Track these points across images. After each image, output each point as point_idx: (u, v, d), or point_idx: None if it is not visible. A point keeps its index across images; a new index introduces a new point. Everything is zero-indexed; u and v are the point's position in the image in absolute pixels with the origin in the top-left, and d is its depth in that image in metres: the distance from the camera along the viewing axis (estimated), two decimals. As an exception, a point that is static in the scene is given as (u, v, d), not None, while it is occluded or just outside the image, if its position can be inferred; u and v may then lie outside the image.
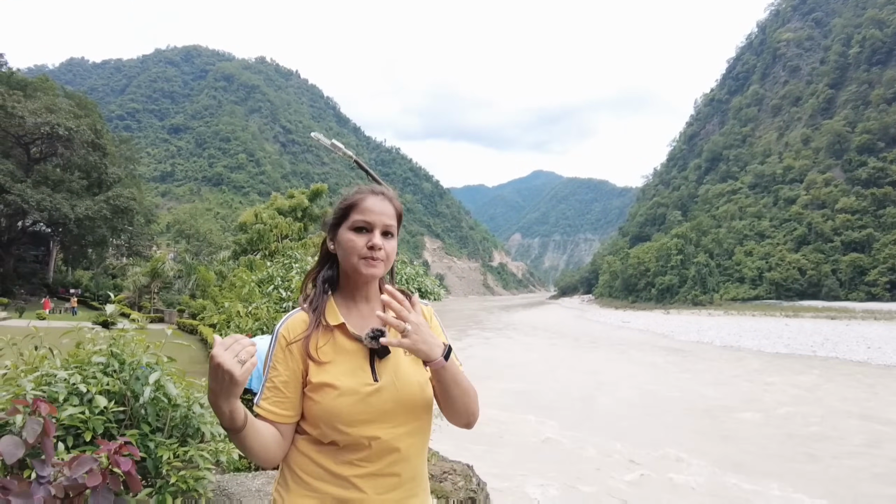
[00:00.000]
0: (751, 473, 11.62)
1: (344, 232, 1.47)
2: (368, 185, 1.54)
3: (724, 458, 12.64)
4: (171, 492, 2.67)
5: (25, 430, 1.25)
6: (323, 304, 1.49)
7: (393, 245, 1.49)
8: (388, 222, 1.47)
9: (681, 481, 10.96)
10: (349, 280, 1.51)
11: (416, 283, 13.98)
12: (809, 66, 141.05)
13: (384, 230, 1.46)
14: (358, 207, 1.46)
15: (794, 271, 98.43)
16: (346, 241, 1.46)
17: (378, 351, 1.43)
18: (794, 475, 11.62)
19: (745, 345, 39.81)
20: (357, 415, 1.37)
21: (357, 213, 1.46)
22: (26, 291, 37.22)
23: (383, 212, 1.46)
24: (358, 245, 1.44)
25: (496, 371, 24.37)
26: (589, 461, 12.10)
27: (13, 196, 34.08)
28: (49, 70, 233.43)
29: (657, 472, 11.45)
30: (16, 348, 2.96)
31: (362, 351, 1.44)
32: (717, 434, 14.92)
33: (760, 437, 14.58)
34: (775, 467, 12.14)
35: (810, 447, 13.82)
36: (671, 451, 12.85)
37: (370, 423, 1.37)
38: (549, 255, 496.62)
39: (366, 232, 1.45)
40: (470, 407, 1.48)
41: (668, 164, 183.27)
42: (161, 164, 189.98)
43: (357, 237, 1.45)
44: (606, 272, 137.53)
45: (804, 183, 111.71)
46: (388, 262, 1.46)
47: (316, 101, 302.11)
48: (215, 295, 20.36)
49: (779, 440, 14.36)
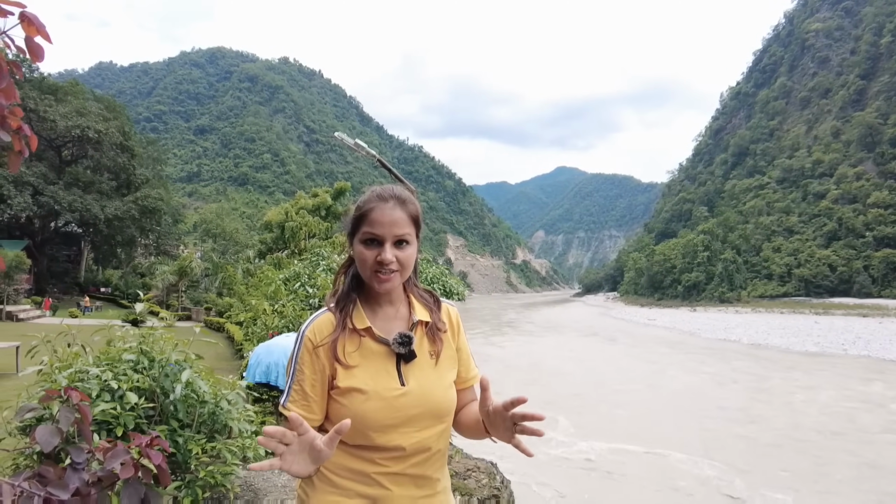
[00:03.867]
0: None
1: (356, 244, 1.44)
2: (380, 187, 1.48)
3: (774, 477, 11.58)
4: (200, 486, 2.73)
5: (60, 418, 1.29)
6: (350, 305, 1.48)
7: (409, 252, 1.43)
8: (399, 232, 1.40)
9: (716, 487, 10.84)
10: (370, 286, 1.48)
11: (441, 283, 14.03)
12: (839, 56, 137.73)
13: (396, 240, 1.40)
14: (367, 219, 1.41)
15: (824, 268, 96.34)
16: (359, 254, 1.43)
17: (404, 355, 1.43)
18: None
19: (774, 343, 39.08)
20: (384, 419, 1.37)
21: (366, 226, 1.41)
22: (59, 290, 38.08)
23: (394, 221, 1.40)
24: (369, 259, 1.40)
25: (520, 368, 24.29)
26: (613, 463, 12.02)
27: (46, 198, 34.95)
28: (79, 74, 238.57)
29: (680, 476, 11.32)
30: (50, 345, 3.05)
31: (388, 355, 1.43)
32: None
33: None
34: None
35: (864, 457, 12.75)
36: (695, 456, 12.70)
37: (397, 427, 1.38)
38: (574, 252, 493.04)
39: (376, 245, 1.40)
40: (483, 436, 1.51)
41: (693, 159, 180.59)
42: (187, 165, 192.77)
43: (367, 251, 1.41)
44: (631, 269, 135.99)
45: (834, 177, 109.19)
46: (403, 271, 1.43)
47: (339, 100, 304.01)
48: (242, 293, 20.63)
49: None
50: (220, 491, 2.85)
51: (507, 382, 19.71)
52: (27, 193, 33.95)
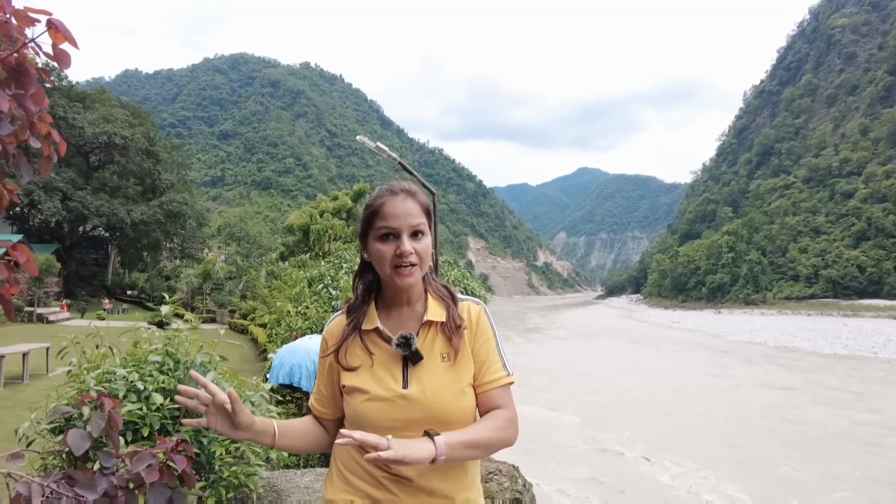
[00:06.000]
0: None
1: (372, 242, 1.42)
2: (388, 183, 1.46)
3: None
4: (224, 486, 2.75)
5: (91, 424, 1.31)
6: (362, 309, 1.49)
7: (425, 244, 1.41)
8: (413, 222, 1.39)
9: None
10: (388, 285, 1.46)
11: (462, 286, 14.05)
12: (867, 52, 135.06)
13: (412, 231, 1.39)
14: (380, 214, 1.40)
15: (853, 268, 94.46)
16: (376, 251, 1.41)
17: (411, 357, 1.40)
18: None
19: (800, 345, 38.38)
20: (383, 420, 1.36)
21: (380, 220, 1.39)
22: (87, 293, 38.84)
23: (407, 212, 1.39)
24: (387, 255, 1.38)
25: (543, 372, 24.14)
26: (638, 467, 11.89)
27: (75, 202, 35.73)
28: (106, 82, 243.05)
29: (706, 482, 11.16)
30: (79, 347, 3.12)
31: (396, 356, 1.42)
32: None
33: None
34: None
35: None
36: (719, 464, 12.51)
37: (396, 429, 1.34)
38: (596, 253, 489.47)
39: (393, 239, 1.39)
40: (496, 450, 1.47)
41: (717, 159, 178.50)
42: (211, 170, 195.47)
43: (384, 246, 1.39)
44: (655, 271, 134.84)
45: (863, 176, 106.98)
46: (422, 263, 1.41)
47: (360, 104, 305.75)
48: (265, 296, 20.83)
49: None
50: (244, 491, 2.88)
51: (560, 390, 19.34)
52: (57, 199, 34.73)
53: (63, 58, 1.25)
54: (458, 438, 1.32)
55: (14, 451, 1.26)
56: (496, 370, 1.46)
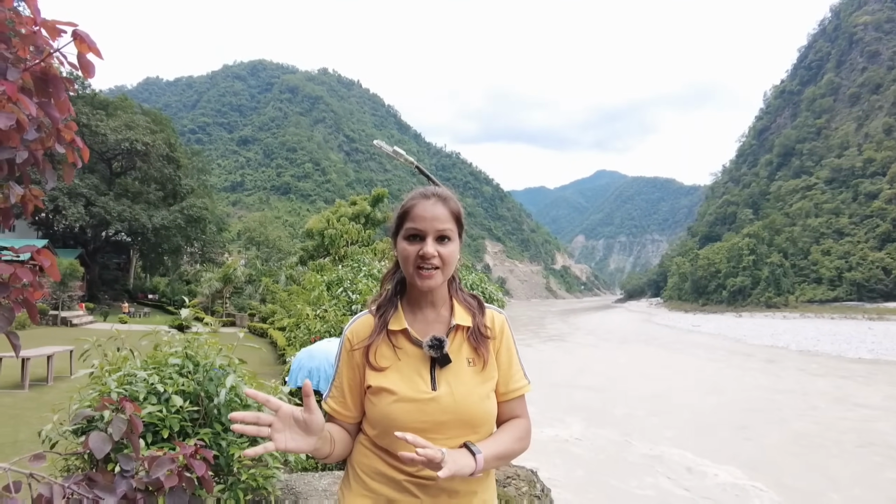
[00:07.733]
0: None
1: (400, 242, 1.44)
2: (423, 187, 1.49)
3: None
4: (242, 489, 2.77)
5: (112, 428, 1.33)
6: (390, 308, 1.49)
7: (451, 249, 1.42)
8: (440, 227, 1.41)
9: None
10: (412, 286, 1.47)
11: (480, 290, 13.99)
12: (890, 50, 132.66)
13: (438, 235, 1.41)
14: (410, 215, 1.43)
15: (878, 271, 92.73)
16: (401, 250, 1.43)
17: (440, 359, 1.41)
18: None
19: (824, 349, 37.69)
20: (411, 422, 1.36)
21: (409, 221, 1.42)
22: (109, 297, 39.42)
23: (435, 216, 1.41)
24: (411, 255, 1.40)
25: (563, 378, 23.94)
26: (660, 473, 11.75)
27: (98, 208, 36.31)
28: (128, 90, 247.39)
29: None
30: (101, 349, 3.17)
31: (424, 358, 1.43)
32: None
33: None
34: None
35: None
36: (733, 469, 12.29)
37: (425, 431, 1.35)
38: (615, 257, 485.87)
39: (419, 240, 1.41)
40: (517, 456, 1.51)
41: (737, 161, 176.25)
42: (231, 175, 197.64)
43: (410, 246, 1.41)
44: (675, 274, 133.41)
45: (887, 176, 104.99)
46: (446, 268, 1.42)
47: (377, 109, 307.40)
48: (284, 300, 20.96)
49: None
50: (262, 494, 2.90)
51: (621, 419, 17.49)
52: (80, 204, 35.30)
53: (87, 67, 1.28)
54: (492, 453, 1.38)
55: (36, 453, 1.28)
56: (518, 378, 1.52)
